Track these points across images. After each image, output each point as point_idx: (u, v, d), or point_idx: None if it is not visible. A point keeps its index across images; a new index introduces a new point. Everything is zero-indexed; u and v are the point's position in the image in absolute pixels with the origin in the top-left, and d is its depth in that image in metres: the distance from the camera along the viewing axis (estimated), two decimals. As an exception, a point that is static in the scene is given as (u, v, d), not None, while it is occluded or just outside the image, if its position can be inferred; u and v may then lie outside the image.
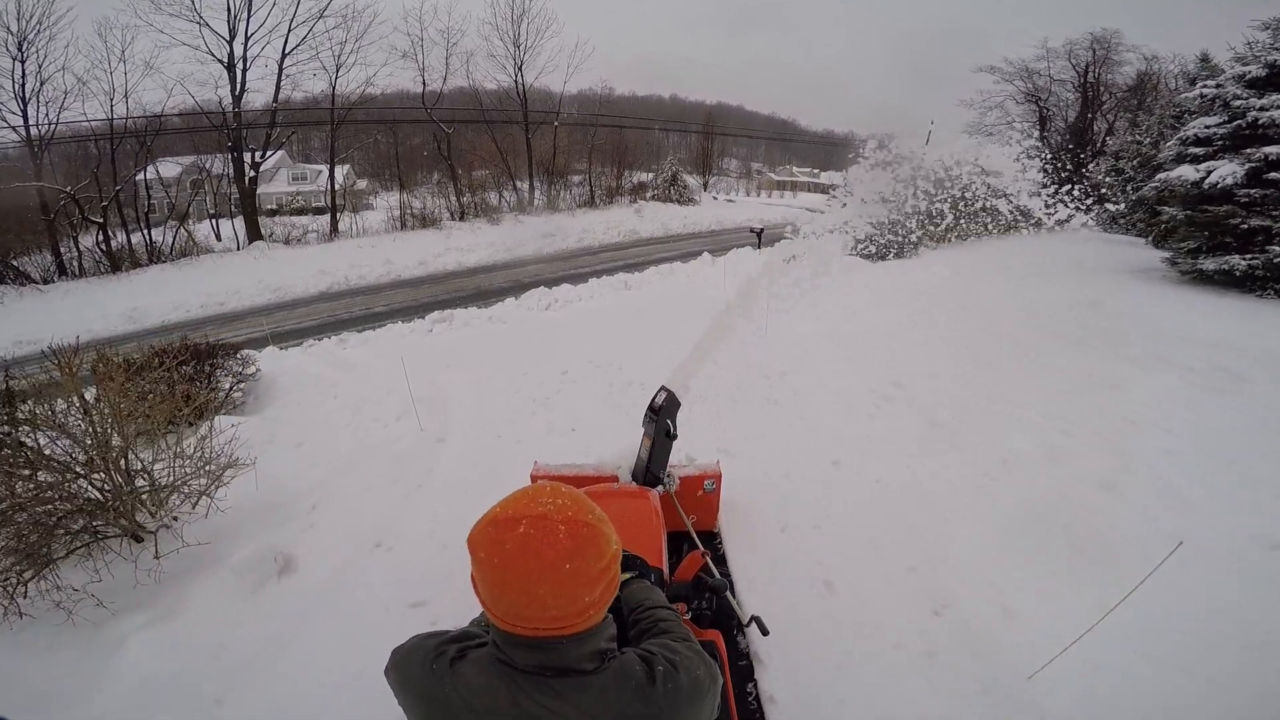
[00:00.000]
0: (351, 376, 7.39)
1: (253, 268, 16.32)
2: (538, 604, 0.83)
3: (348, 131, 25.53)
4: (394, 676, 0.96)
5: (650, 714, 0.87)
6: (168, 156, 21.04)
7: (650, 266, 14.49)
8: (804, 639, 2.70)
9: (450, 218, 21.66)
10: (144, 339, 12.73)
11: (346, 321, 11.75)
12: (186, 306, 14.57)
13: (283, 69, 19.46)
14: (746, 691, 2.37)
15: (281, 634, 2.97)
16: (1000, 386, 5.66)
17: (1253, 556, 3.26)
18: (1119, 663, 2.55)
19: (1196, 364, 6.08)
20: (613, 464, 3.03)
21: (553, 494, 0.89)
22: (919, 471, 4.33)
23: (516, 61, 24.13)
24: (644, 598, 1.20)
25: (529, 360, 7.20)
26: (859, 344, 6.96)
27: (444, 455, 4.99)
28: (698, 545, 2.54)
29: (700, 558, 1.83)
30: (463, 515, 1.16)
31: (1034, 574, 3.12)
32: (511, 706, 0.85)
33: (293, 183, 30.39)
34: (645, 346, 6.95)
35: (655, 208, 26.55)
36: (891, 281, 9.92)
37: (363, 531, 3.91)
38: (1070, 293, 8.74)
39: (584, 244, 20.27)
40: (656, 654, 0.93)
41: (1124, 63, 24.86)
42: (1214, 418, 4.99)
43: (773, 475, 4.28)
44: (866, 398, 5.66)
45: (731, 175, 47.68)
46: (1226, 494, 3.87)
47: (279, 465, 4.95)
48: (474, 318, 10.03)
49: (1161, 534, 3.28)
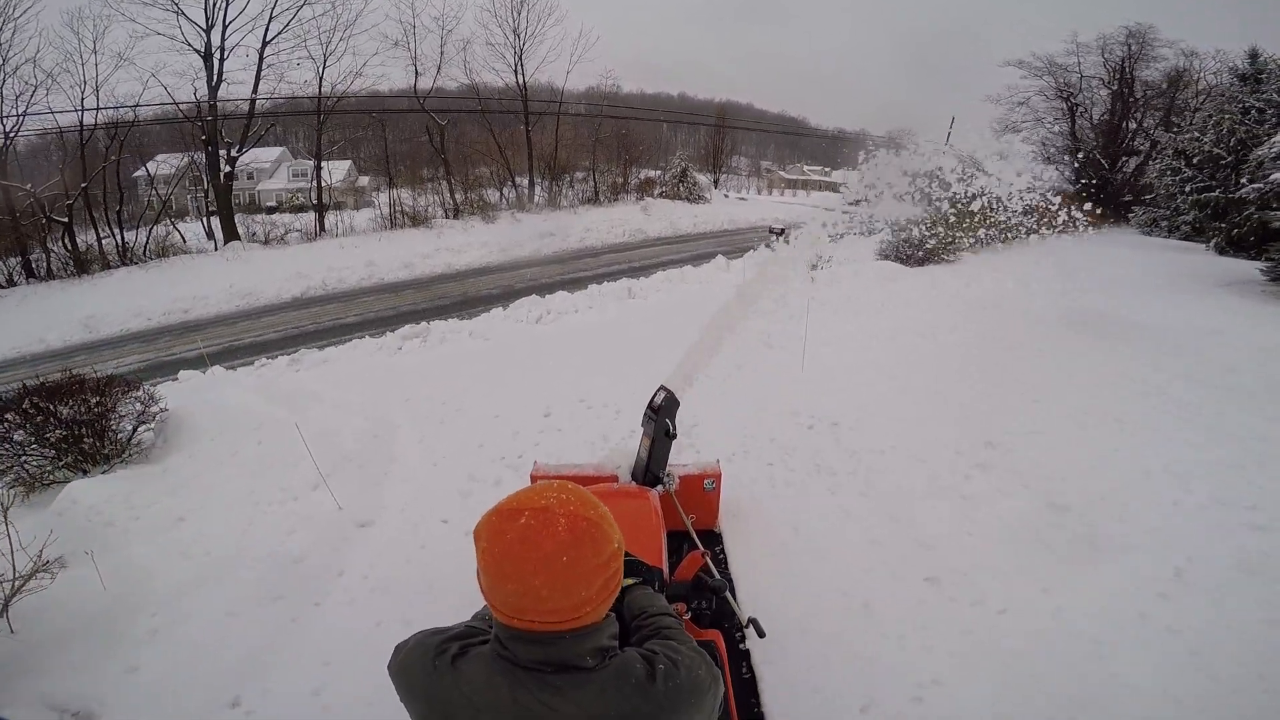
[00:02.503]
0: (287, 413, 5.96)
1: (225, 270, 15.00)
2: (533, 595, 0.82)
3: (341, 124, 24.26)
4: (397, 673, 0.95)
5: (650, 712, 0.86)
6: (165, 153, 19.90)
7: (658, 270, 13.00)
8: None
9: (445, 216, 20.24)
10: (97, 351, 11.49)
11: (311, 335, 10.35)
12: (148, 314, 13.26)
13: (263, 58, 18.13)
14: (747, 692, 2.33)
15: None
16: (1158, 455, 4.12)
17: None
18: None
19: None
20: (612, 464, 2.97)
21: (559, 489, 0.89)
22: (1058, 593, 2.87)
23: (516, 50, 22.70)
24: (647, 604, 1.16)
25: (506, 394, 5.77)
26: (925, 380, 5.45)
27: (362, 551, 3.60)
28: (698, 545, 2.52)
29: (700, 558, 1.79)
30: (375, 652, 1.08)
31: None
32: (511, 703, 0.85)
33: (294, 179, 29.40)
34: (650, 376, 5.47)
35: (663, 205, 24.97)
36: (945, 293, 8.35)
37: (215, 680, 2.63)
38: (1188, 316, 7.08)
39: (586, 244, 18.78)
40: (659, 653, 0.93)
41: (1160, 59, 23.30)
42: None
43: (850, 598, 2.86)
44: (952, 464, 4.18)
45: (741, 173, 46.35)
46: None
47: (144, 551, 3.68)
48: (453, 332, 8.60)
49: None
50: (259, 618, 3.00)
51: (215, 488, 4.47)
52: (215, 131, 17.12)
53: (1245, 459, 4.00)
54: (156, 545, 3.73)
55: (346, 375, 7.22)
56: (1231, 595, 2.83)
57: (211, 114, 17.08)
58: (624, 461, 2.94)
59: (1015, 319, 6.74)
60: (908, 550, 3.38)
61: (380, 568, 3.46)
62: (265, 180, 34.02)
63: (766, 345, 6.58)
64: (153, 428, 5.62)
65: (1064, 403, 4.98)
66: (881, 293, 8.34)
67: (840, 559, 3.25)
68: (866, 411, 4.91)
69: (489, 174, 23.30)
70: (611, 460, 3.00)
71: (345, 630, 2.86)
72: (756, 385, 5.52)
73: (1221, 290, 9.06)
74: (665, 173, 28.09)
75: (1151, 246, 16.83)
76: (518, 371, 6.46)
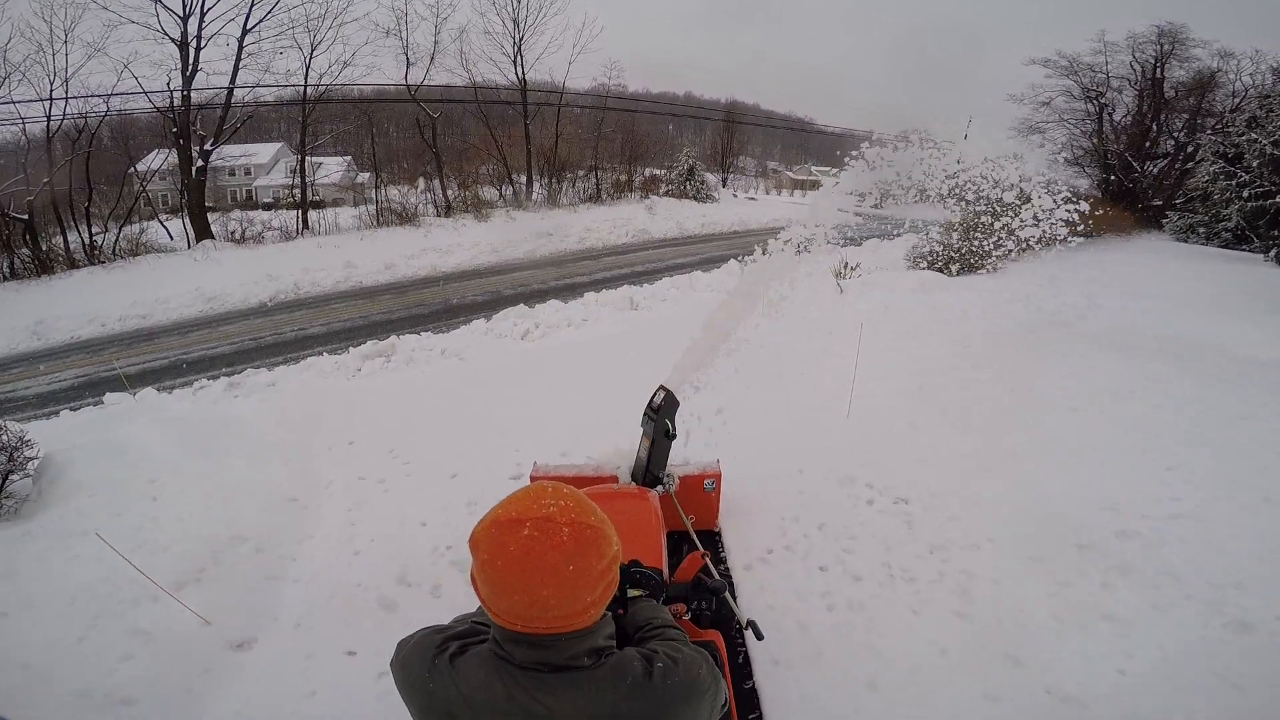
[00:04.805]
0: (198, 461, 4.74)
1: (192, 272, 13.80)
2: (539, 604, 0.82)
3: (332, 118, 23.06)
4: (397, 670, 0.95)
5: (647, 711, 0.86)
6: (160, 148, 18.74)
7: (664, 276, 11.75)
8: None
9: (436, 214, 19.00)
10: (35, 363, 10.26)
11: (267, 349, 9.11)
12: (103, 319, 12.07)
13: (243, 46, 16.92)
14: (747, 692, 2.27)
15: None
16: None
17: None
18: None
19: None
20: (612, 464, 2.91)
21: (555, 495, 0.88)
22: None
23: (516, 41, 21.43)
24: (651, 615, 1.16)
25: (471, 441, 4.55)
26: (1007, 433, 4.16)
27: (229, 690, 2.42)
28: (697, 545, 2.44)
29: (700, 558, 1.73)
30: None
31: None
32: (507, 701, 0.85)
33: (292, 174, 28.52)
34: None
35: (669, 204, 23.61)
36: (1000, 309, 7.04)
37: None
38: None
39: (585, 245, 17.50)
40: (659, 652, 0.94)
41: (1193, 59, 22.01)
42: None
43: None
44: (1078, 566, 2.99)
45: (749, 174, 45.24)
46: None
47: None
48: (424, 349, 7.38)
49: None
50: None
51: (61, 571, 3.26)
52: (187, 124, 15.91)
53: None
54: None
55: (290, 404, 6.02)
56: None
57: (184, 105, 15.87)
58: (624, 462, 2.88)
59: (1107, 353, 5.44)
60: (1043, 712, 2.25)
61: (253, 717, 2.28)
62: (262, 176, 32.91)
63: (795, 372, 5.37)
64: (30, 475, 4.44)
65: (1205, 470, 3.72)
66: (926, 310, 7.06)
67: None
68: (940, 479, 3.67)
69: (486, 170, 22.05)
70: (611, 461, 2.94)
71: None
72: (790, 434, 4.28)
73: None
74: (671, 170, 26.81)
75: (1198, 256, 15.54)
76: (492, 407, 5.23)
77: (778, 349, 6.12)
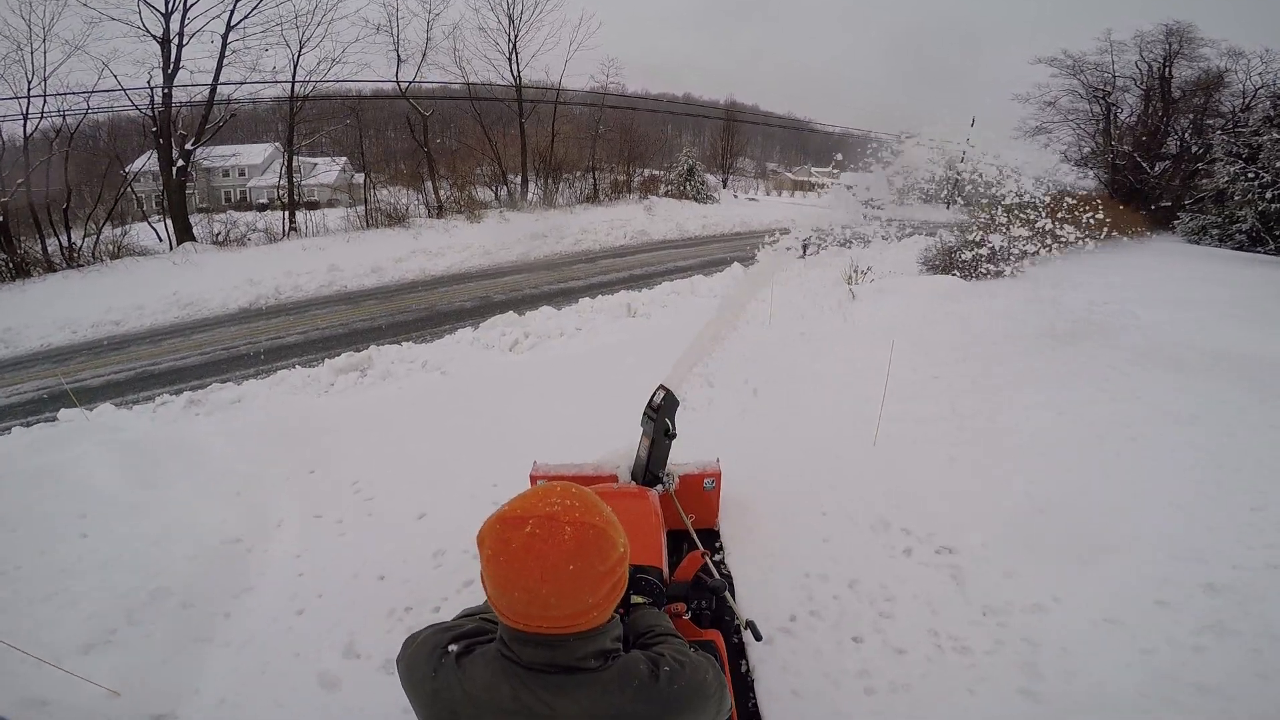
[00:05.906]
0: (140, 491, 4.18)
1: (171, 276, 13.22)
2: (540, 603, 0.81)
3: (324, 116, 22.47)
4: (402, 668, 0.94)
5: (651, 713, 0.85)
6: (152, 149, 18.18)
7: (663, 280, 11.21)
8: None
9: (428, 215, 18.42)
10: (7, 371, 9.75)
11: (238, 359, 8.53)
12: (76, 326, 11.50)
13: (227, 43, 16.35)
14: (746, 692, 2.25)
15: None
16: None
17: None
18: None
19: None
20: (612, 464, 2.89)
21: (563, 494, 0.86)
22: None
23: (511, 37, 20.87)
24: (653, 623, 1.15)
25: (444, 472, 4.01)
26: (1057, 469, 3.59)
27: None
28: (697, 545, 2.47)
29: (700, 557, 1.71)
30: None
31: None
32: (513, 701, 0.84)
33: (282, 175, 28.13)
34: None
35: (669, 205, 23.03)
36: (1026, 319, 6.47)
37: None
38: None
39: (581, 247, 16.93)
40: (665, 654, 0.92)
41: (1201, 58, 21.58)
42: None
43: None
44: (1168, 632, 2.53)
45: (748, 175, 44.81)
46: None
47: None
48: (403, 361, 6.82)
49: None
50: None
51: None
52: (168, 123, 15.33)
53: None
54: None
55: (253, 425, 5.49)
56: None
57: (165, 104, 15.30)
58: (623, 461, 2.86)
59: (1156, 369, 4.87)
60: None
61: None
62: (256, 177, 32.29)
63: (809, 390, 4.82)
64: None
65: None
66: (949, 319, 6.53)
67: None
68: (987, 523, 3.12)
69: (481, 171, 21.47)
70: (611, 460, 2.93)
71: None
72: (808, 466, 3.73)
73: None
74: (671, 171, 26.27)
75: (1218, 258, 15.05)
76: (472, 430, 4.68)
77: (789, 364, 5.59)
